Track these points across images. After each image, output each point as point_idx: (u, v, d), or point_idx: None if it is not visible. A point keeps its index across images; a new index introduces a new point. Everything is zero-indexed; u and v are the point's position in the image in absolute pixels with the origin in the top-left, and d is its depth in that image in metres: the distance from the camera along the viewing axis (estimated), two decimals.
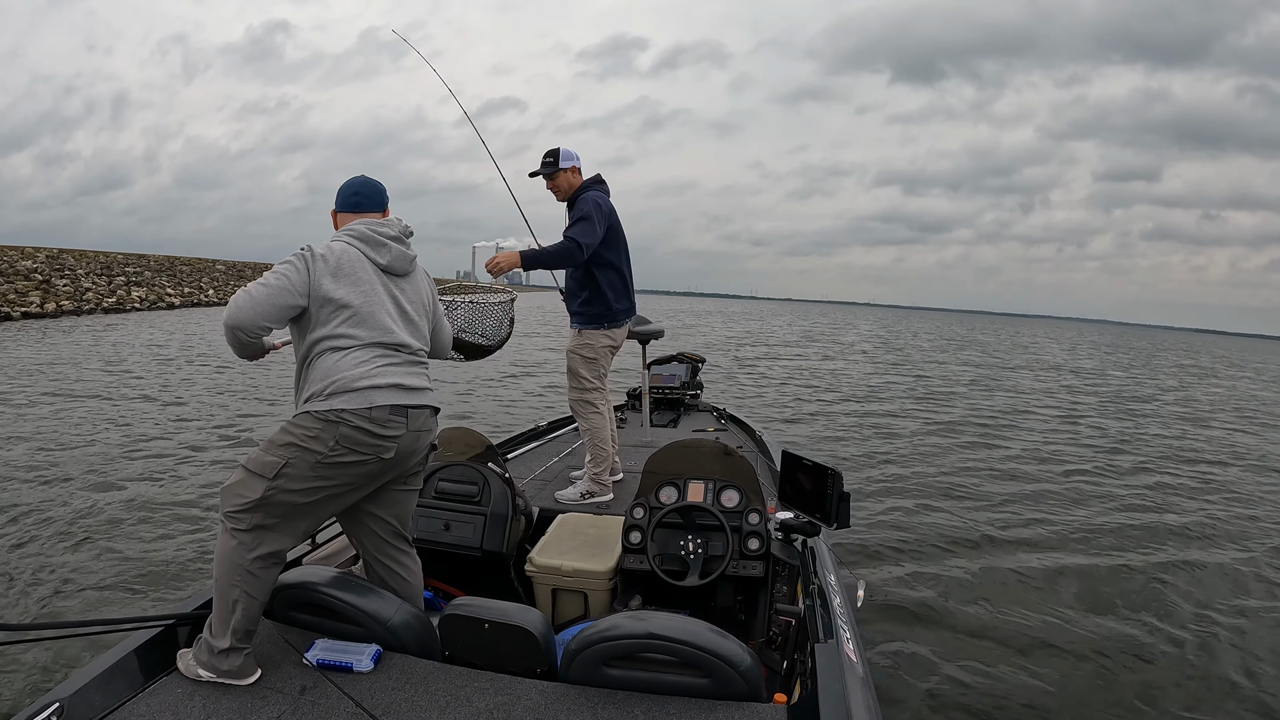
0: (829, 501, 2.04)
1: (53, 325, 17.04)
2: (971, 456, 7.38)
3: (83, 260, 28.14)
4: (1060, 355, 28.64)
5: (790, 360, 18.52)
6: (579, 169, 3.09)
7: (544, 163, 3.07)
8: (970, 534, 4.78)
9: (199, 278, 33.08)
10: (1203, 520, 5.52)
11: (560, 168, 3.04)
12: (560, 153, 3.04)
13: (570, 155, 3.05)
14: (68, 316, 19.61)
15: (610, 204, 3.04)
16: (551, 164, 3.05)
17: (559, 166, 3.04)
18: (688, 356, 5.59)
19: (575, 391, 3.15)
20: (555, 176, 3.05)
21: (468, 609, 1.61)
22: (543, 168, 3.07)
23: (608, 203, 3.03)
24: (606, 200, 3.03)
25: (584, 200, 2.96)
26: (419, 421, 1.67)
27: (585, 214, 2.92)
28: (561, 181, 3.06)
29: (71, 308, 20.60)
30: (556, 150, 3.05)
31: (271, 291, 1.59)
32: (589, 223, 2.91)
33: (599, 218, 2.93)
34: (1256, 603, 3.92)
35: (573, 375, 3.15)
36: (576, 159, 3.07)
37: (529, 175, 3.15)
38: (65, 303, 20.66)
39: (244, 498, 1.53)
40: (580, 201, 2.98)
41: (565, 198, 3.08)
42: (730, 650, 1.43)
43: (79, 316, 19.86)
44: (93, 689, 1.38)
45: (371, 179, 1.82)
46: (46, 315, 19.09)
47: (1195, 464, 7.86)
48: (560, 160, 3.04)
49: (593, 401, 3.12)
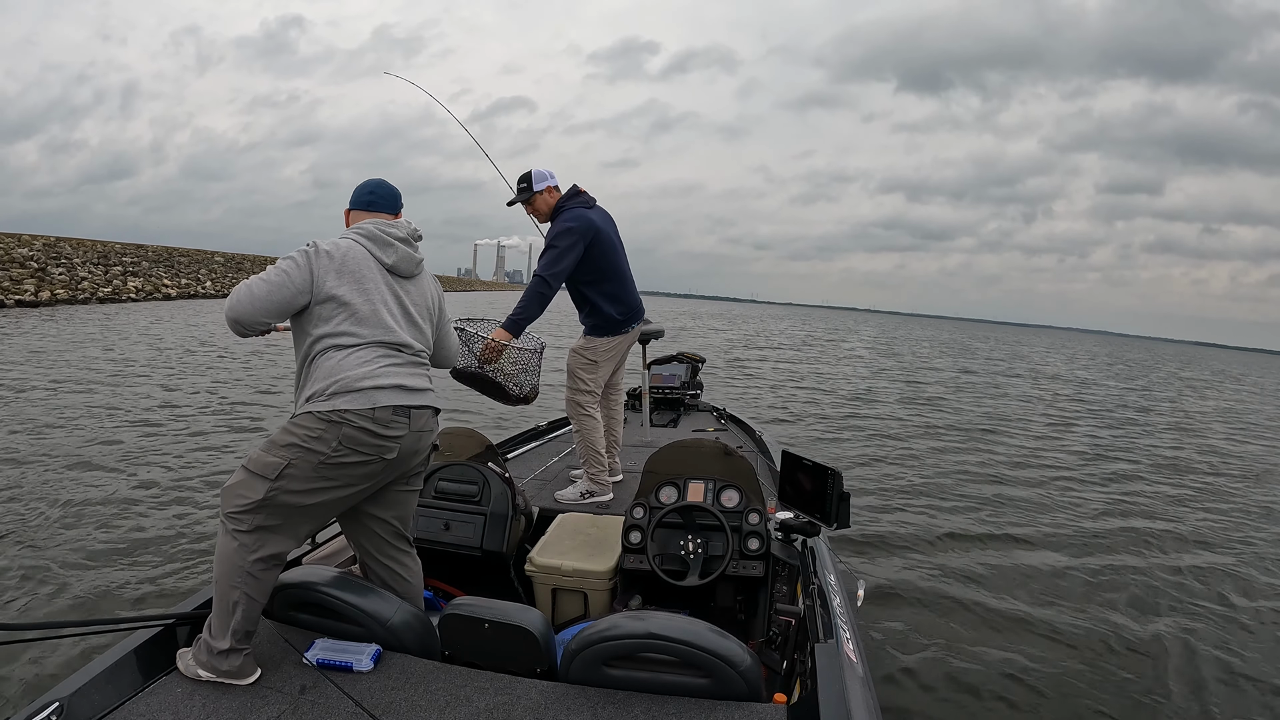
0: (829, 501, 2.04)
1: (46, 314, 16.98)
2: (971, 458, 7.40)
3: (80, 249, 28.00)
4: (1058, 365, 28.71)
5: (790, 363, 18.54)
6: (555, 187, 3.02)
7: (519, 189, 3.02)
8: (971, 534, 4.79)
9: (197, 269, 32.93)
10: (1199, 525, 5.55)
11: (535, 191, 2.98)
12: (533, 175, 2.99)
13: (544, 175, 3.00)
14: (62, 305, 19.54)
15: (589, 217, 2.94)
16: (526, 189, 3.00)
17: (534, 190, 2.98)
18: (688, 356, 5.59)
19: (570, 391, 3.15)
20: (533, 201, 3.01)
21: (468, 609, 1.61)
22: (518, 195, 3.03)
23: (584, 218, 2.92)
24: (583, 216, 2.93)
25: (559, 231, 2.89)
26: (421, 422, 1.66)
27: (558, 246, 2.86)
28: (540, 204, 3.01)
29: (66, 297, 20.52)
30: (528, 174, 3.00)
31: (272, 287, 1.59)
32: (553, 252, 2.86)
33: (568, 243, 2.87)
34: (1256, 604, 3.95)
35: (571, 376, 3.14)
36: (551, 177, 3.01)
37: (507, 204, 3.10)
38: (60, 291, 20.58)
39: (245, 499, 1.52)
40: (553, 228, 2.93)
41: (545, 219, 3.04)
42: (730, 650, 1.43)
43: (73, 306, 19.79)
44: (93, 689, 1.38)
45: (389, 182, 1.83)
46: (41, 304, 19.03)
47: (1190, 473, 7.90)
48: (534, 183, 2.98)
49: (584, 404, 3.11)
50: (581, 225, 2.90)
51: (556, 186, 3.03)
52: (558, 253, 2.86)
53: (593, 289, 3.04)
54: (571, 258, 2.89)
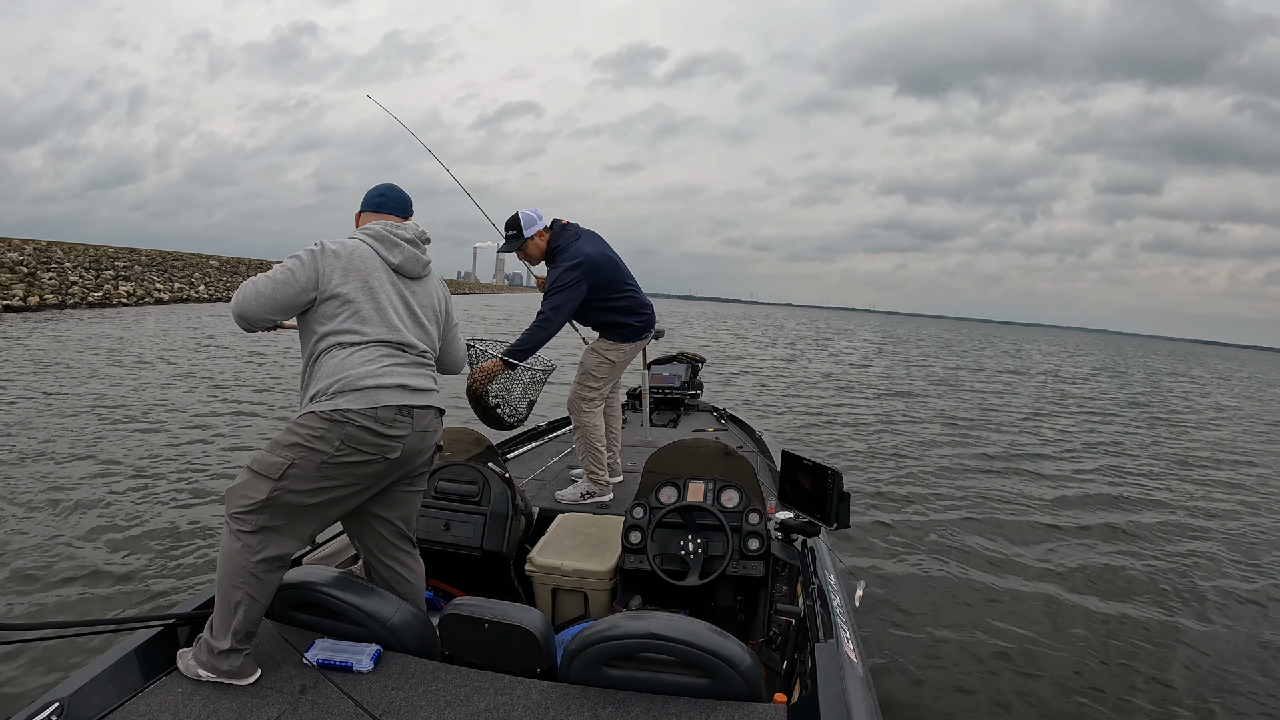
0: (829, 501, 2.04)
1: (34, 319, 16.84)
2: (971, 458, 7.42)
3: (71, 254, 27.84)
4: (1058, 363, 28.81)
5: (789, 363, 18.56)
6: (545, 230, 2.98)
7: (507, 236, 2.98)
8: (971, 534, 4.80)
9: (190, 273, 32.71)
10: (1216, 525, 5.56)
11: (526, 237, 2.95)
12: (521, 220, 2.94)
13: (531, 219, 2.96)
14: (50, 310, 19.39)
15: (586, 251, 2.91)
16: (515, 236, 2.95)
17: (525, 237, 2.95)
18: (688, 356, 5.59)
19: (578, 388, 3.13)
20: (525, 247, 2.98)
21: (468, 609, 1.61)
22: (508, 242, 2.99)
23: (581, 253, 2.90)
24: (580, 252, 2.90)
25: (562, 270, 2.87)
26: (424, 422, 1.67)
27: (562, 285, 2.85)
28: (532, 249, 2.98)
29: (55, 301, 20.36)
30: (515, 218, 2.95)
31: (276, 285, 1.61)
32: (559, 295, 2.84)
33: (571, 281, 2.85)
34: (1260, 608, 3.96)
35: (584, 373, 3.12)
36: (539, 219, 2.97)
37: (498, 251, 3.09)
38: (50, 296, 20.43)
39: (249, 498, 1.52)
40: (553, 270, 2.92)
41: (539, 261, 3.03)
42: (730, 650, 1.43)
43: (60, 310, 19.64)
44: (93, 689, 1.37)
45: (399, 187, 1.85)
46: (29, 309, 18.84)
47: (1196, 467, 7.94)
48: (524, 229, 2.94)
49: (589, 401, 3.11)
50: (584, 265, 2.89)
51: (546, 228, 3.00)
52: (563, 295, 2.86)
53: (609, 312, 3.05)
54: (576, 297, 2.89)
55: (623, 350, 3.13)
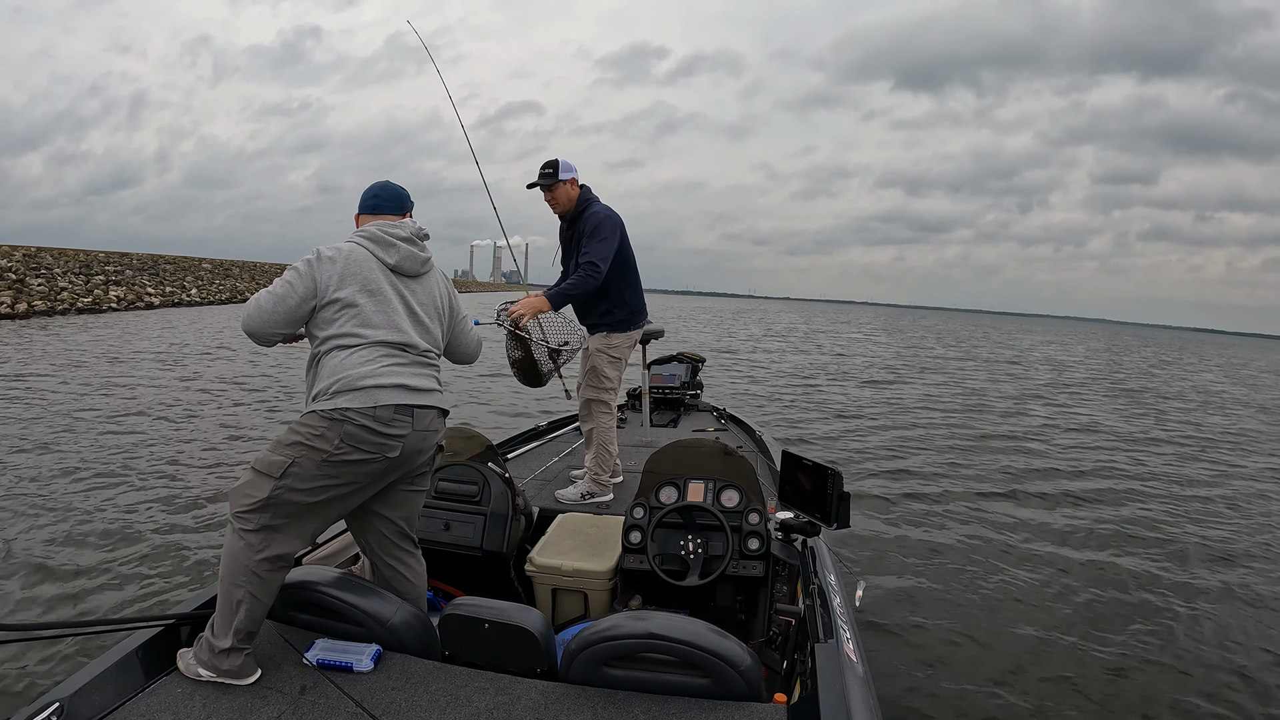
0: (829, 501, 2.05)
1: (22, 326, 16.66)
2: (971, 458, 7.40)
3: (61, 259, 27.65)
4: (1058, 354, 28.81)
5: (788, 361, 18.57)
6: (577, 180, 3.04)
7: (542, 174, 3.01)
8: (972, 534, 4.80)
9: (182, 276, 32.48)
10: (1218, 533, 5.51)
11: (560, 179, 2.98)
12: (560, 164, 2.99)
13: (569, 167, 3.00)
14: (39, 317, 19.13)
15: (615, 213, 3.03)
16: (551, 175, 2.98)
17: (559, 178, 2.98)
18: (688, 356, 5.60)
19: (592, 390, 3.13)
20: (555, 188, 3.00)
21: (468, 609, 1.61)
22: (541, 179, 3.01)
23: (616, 215, 3.01)
24: (612, 210, 3.01)
25: (603, 219, 2.95)
26: (425, 421, 1.67)
27: (605, 235, 2.91)
28: (560, 194, 3.01)
29: (44, 308, 20.10)
30: (555, 161, 2.99)
31: (276, 299, 1.62)
32: (608, 243, 2.91)
33: (612, 231, 2.93)
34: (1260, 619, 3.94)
35: (596, 375, 3.13)
36: (575, 171, 3.02)
37: (527, 187, 3.09)
38: (39, 303, 20.20)
39: (252, 497, 1.53)
40: (593, 217, 2.96)
41: (563, 210, 3.04)
42: (730, 650, 1.43)
43: (50, 317, 19.40)
44: (93, 689, 1.37)
45: (395, 184, 1.84)
46: (17, 316, 18.51)
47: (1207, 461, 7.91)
48: (560, 172, 2.97)
49: (607, 401, 3.12)
50: (619, 221, 3.02)
51: (578, 180, 3.05)
52: (610, 243, 2.92)
53: (619, 282, 3.07)
54: (614, 249, 2.95)
55: (623, 343, 3.14)
